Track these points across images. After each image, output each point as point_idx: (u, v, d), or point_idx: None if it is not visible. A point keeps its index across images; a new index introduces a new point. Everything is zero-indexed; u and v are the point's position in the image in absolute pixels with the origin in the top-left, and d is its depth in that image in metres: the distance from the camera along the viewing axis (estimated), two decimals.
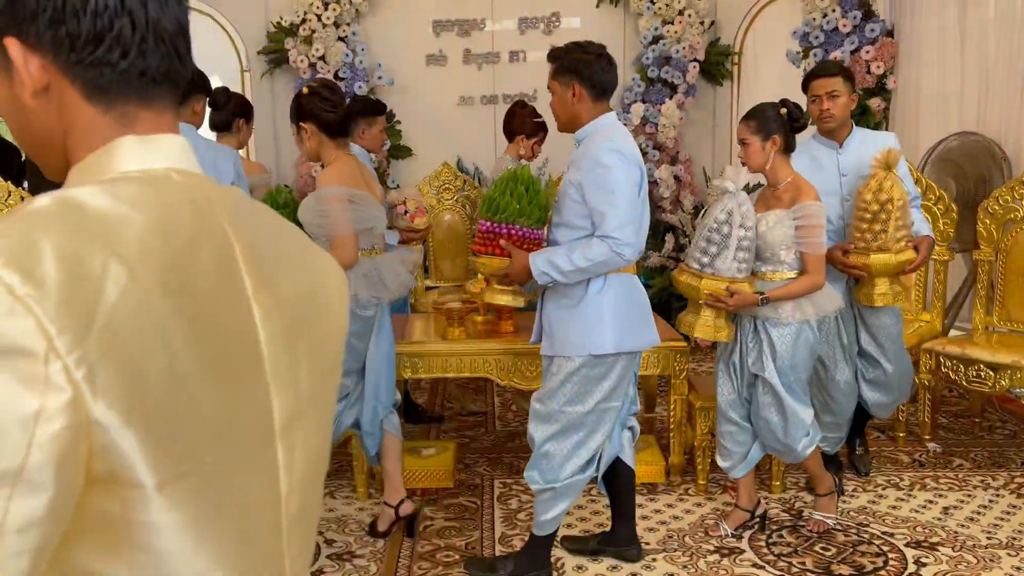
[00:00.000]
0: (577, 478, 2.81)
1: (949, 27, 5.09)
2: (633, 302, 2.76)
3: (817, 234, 2.92)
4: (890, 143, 3.30)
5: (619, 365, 2.75)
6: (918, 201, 3.40)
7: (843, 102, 3.29)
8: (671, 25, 6.07)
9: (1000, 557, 3.00)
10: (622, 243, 2.57)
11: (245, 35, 6.26)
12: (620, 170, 2.59)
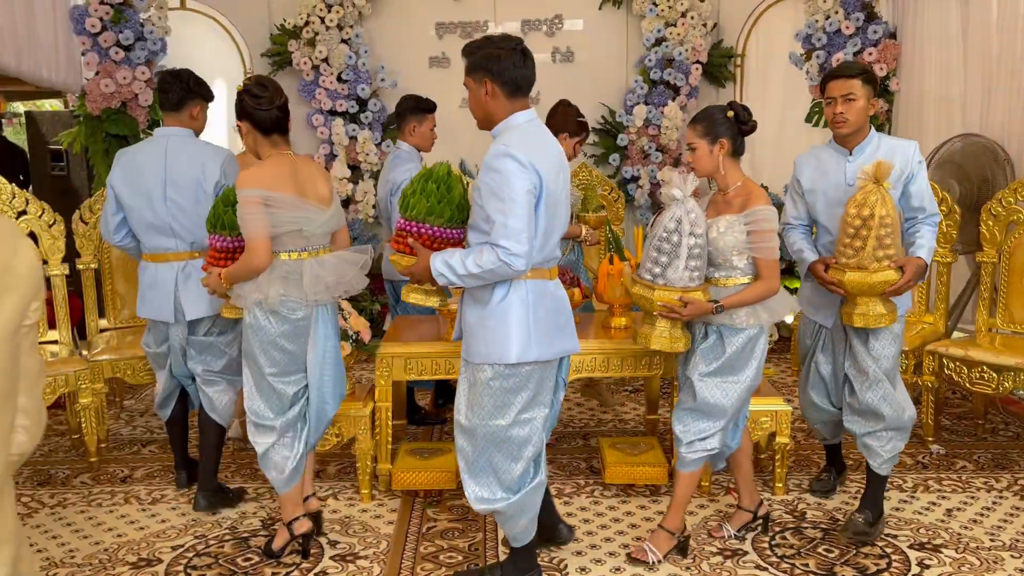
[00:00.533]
0: (525, 493, 2.74)
1: (952, 29, 5.09)
2: (545, 309, 2.65)
3: (769, 239, 2.84)
4: (907, 153, 3.10)
5: (535, 375, 2.67)
6: (933, 219, 3.11)
7: (859, 107, 3.07)
8: (674, 27, 6.08)
9: (1003, 559, 3.00)
10: (511, 253, 2.46)
11: (248, 37, 6.28)
12: (514, 177, 2.47)
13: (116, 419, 4.71)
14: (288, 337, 2.97)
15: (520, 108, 2.63)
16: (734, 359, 2.92)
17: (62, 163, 6.28)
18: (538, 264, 2.64)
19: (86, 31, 5.38)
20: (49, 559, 3.13)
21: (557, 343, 2.70)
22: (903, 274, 2.96)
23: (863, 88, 3.07)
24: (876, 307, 3.01)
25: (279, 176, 2.88)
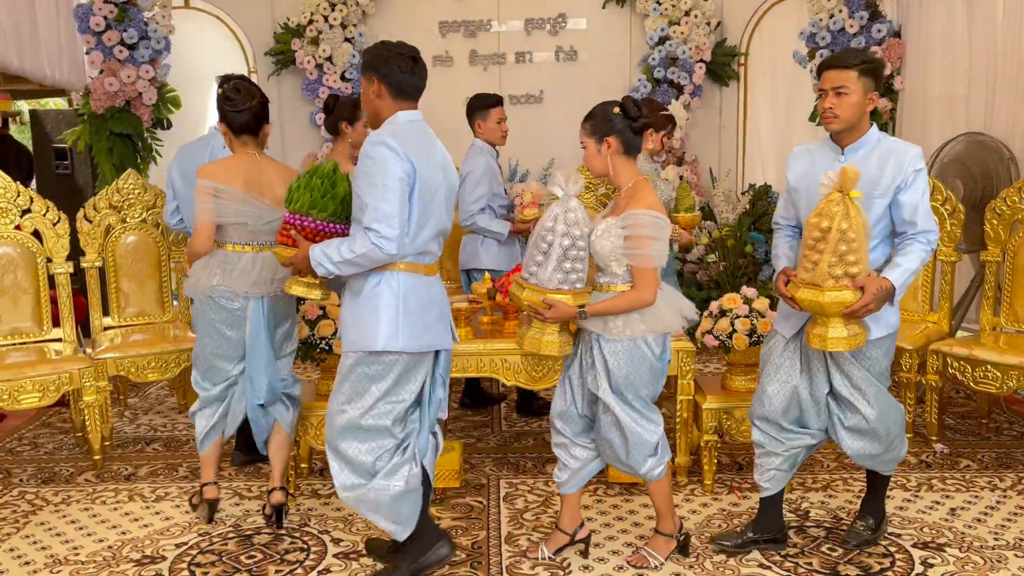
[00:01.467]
0: (378, 481, 2.76)
1: (957, 27, 5.08)
2: (416, 302, 2.70)
3: (643, 245, 2.67)
4: (904, 159, 2.74)
5: (398, 366, 2.71)
6: (926, 237, 2.74)
7: (852, 102, 2.73)
8: (677, 26, 6.08)
9: (1007, 558, 3.00)
10: (381, 236, 2.54)
11: (252, 36, 6.28)
12: (388, 163, 2.56)
13: (120, 417, 4.72)
14: (226, 324, 3.19)
15: (405, 109, 2.73)
16: (611, 373, 2.78)
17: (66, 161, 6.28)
18: (412, 258, 2.70)
19: (90, 30, 5.39)
20: (53, 556, 3.14)
21: (426, 337, 2.73)
22: (862, 295, 2.64)
23: (859, 81, 2.73)
24: (835, 328, 2.69)
25: (234, 172, 3.12)
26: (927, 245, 2.74)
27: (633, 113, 2.75)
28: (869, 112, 2.81)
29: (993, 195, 4.31)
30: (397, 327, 2.67)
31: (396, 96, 2.71)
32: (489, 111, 4.36)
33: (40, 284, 4.16)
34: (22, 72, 5.05)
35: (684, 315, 2.86)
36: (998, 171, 4.59)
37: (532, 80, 6.35)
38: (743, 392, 3.55)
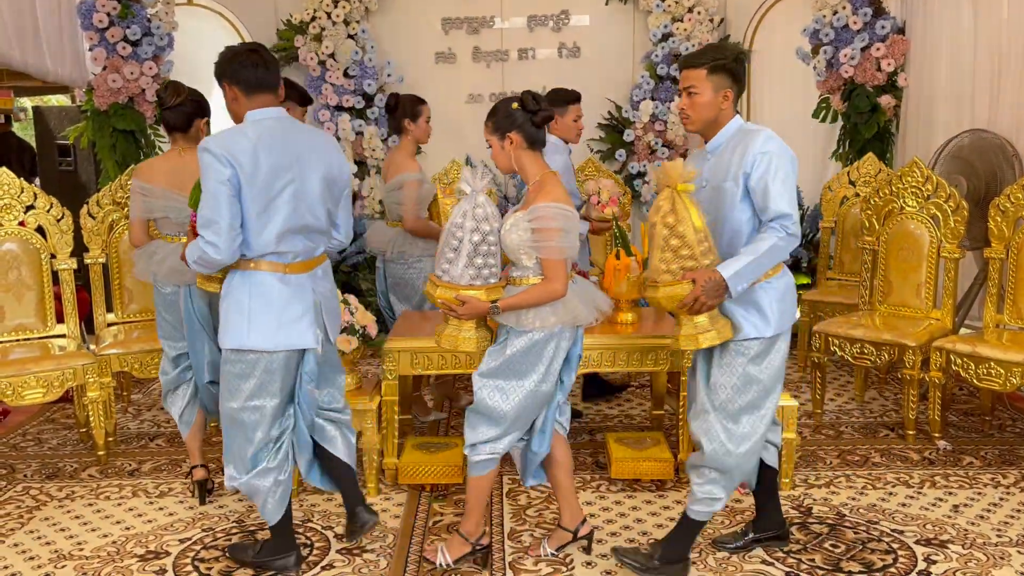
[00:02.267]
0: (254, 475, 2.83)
1: (961, 24, 5.07)
2: (267, 300, 2.71)
3: (550, 237, 2.66)
4: (754, 143, 2.65)
5: (260, 364, 2.74)
6: (780, 223, 2.61)
7: (702, 102, 2.70)
8: (680, 23, 6.07)
9: (1010, 555, 3.00)
10: (207, 241, 2.61)
11: (255, 33, 6.28)
12: (208, 169, 2.61)
13: (124, 413, 4.73)
14: (163, 307, 3.47)
15: (261, 105, 2.74)
16: (516, 361, 2.74)
17: (69, 158, 6.30)
18: (271, 257, 2.72)
19: (93, 26, 5.40)
20: (57, 551, 3.14)
21: (280, 336, 2.73)
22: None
23: (708, 80, 2.69)
24: (685, 326, 2.66)
25: (158, 170, 3.43)
26: (780, 232, 2.60)
27: (532, 107, 2.73)
28: (732, 106, 2.75)
29: (997, 192, 4.31)
30: (248, 326, 2.70)
31: (247, 94, 2.73)
32: (567, 107, 4.23)
33: (44, 280, 4.16)
34: (25, 68, 5.06)
35: (598, 307, 2.86)
36: (1002, 168, 4.58)
37: (535, 77, 6.33)
38: None
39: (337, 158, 2.89)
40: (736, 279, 2.58)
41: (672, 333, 2.76)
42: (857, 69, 5.50)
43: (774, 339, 2.73)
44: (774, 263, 2.64)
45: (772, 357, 2.73)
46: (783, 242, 2.60)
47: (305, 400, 2.89)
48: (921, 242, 4.28)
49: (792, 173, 2.64)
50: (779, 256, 2.64)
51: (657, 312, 4.07)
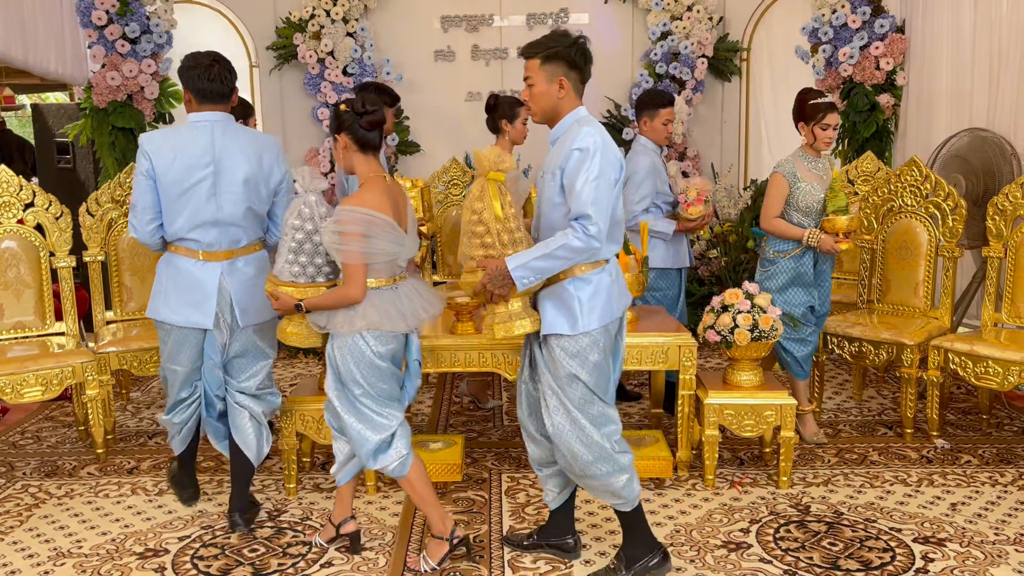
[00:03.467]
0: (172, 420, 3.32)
1: (960, 23, 5.07)
2: (176, 282, 3.15)
3: (347, 241, 2.66)
4: (572, 139, 2.60)
5: (171, 335, 3.19)
6: (580, 223, 2.54)
7: (538, 91, 2.67)
8: (680, 21, 6.07)
9: (1008, 553, 3.00)
10: (130, 223, 3.14)
11: (254, 31, 6.27)
12: (138, 161, 3.07)
13: (123, 411, 4.73)
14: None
15: (209, 110, 3.10)
16: (339, 367, 2.78)
17: (68, 156, 6.29)
18: (184, 243, 3.13)
19: (92, 24, 5.39)
20: (56, 549, 3.15)
21: (183, 313, 3.14)
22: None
23: (541, 70, 2.67)
24: (492, 315, 2.69)
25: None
26: (579, 231, 2.53)
27: (359, 109, 2.74)
28: (572, 95, 2.69)
29: (995, 191, 4.31)
30: (163, 300, 3.17)
31: (199, 101, 3.10)
32: (658, 111, 4.26)
33: (43, 278, 4.16)
34: (25, 66, 5.06)
35: (415, 315, 2.82)
36: (1000, 167, 4.59)
37: None
38: (745, 387, 3.56)
39: (268, 161, 3.16)
40: (521, 271, 2.55)
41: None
42: (856, 68, 5.50)
43: (592, 336, 2.65)
44: (569, 262, 2.58)
45: (593, 355, 2.66)
46: (579, 242, 2.53)
47: (208, 376, 3.23)
48: (919, 241, 4.29)
49: (609, 174, 2.56)
50: (574, 256, 2.56)
51: (655, 311, 4.08)
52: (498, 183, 2.63)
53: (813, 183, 3.83)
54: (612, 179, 2.58)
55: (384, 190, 2.77)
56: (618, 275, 2.75)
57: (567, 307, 2.64)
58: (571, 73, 2.66)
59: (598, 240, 2.54)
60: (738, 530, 3.20)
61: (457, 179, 5.31)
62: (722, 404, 3.52)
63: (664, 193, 4.35)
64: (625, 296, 2.78)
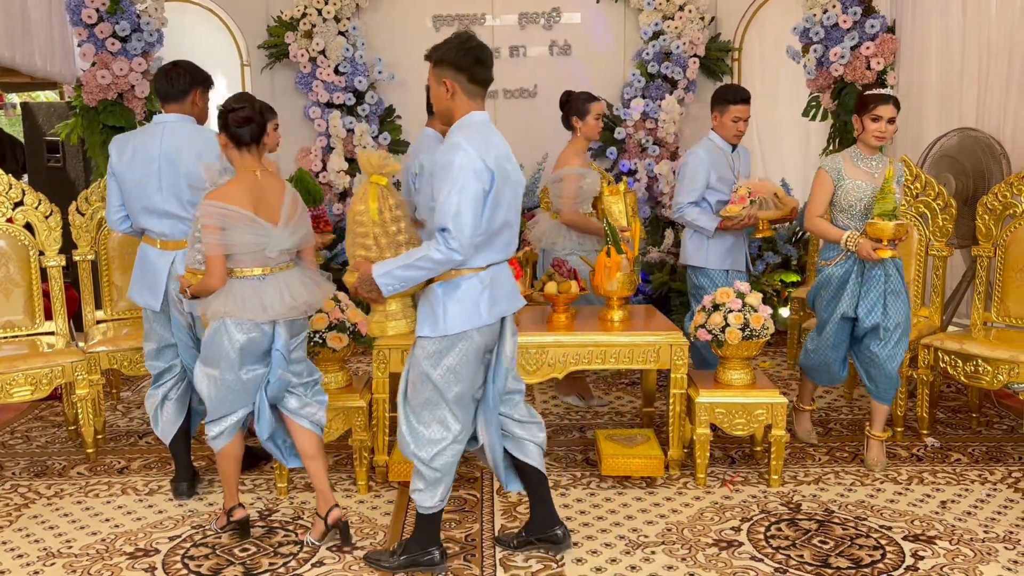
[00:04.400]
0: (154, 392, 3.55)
1: (950, 23, 5.09)
2: (141, 266, 3.48)
3: (206, 234, 2.84)
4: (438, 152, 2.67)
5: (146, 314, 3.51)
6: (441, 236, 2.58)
7: (435, 95, 2.74)
8: (671, 20, 6.08)
9: (997, 551, 3.02)
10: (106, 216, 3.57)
11: (245, 29, 6.26)
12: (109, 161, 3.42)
13: (113, 410, 4.71)
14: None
15: (168, 111, 3.39)
16: (206, 348, 2.99)
17: (58, 154, 6.26)
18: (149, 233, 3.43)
19: (82, 22, 5.37)
20: (46, 549, 3.13)
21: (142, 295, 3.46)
22: None
23: (433, 73, 2.73)
24: (376, 312, 2.80)
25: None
26: (440, 244, 2.57)
27: (229, 106, 2.92)
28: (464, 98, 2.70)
29: (985, 190, 4.33)
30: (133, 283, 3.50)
31: (163, 103, 3.41)
32: (728, 106, 4.12)
33: (32, 277, 4.14)
34: (14, 65, 5.03)
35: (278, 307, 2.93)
36: (990, 166, 4.61)
37: (526, 74, 6.34)
38: (736, 386, 3.57)
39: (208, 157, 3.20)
40: (385, 278, 2.63)
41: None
42: (847, 68, 5.52)
43: (451, 340, 2.69)
44: (432, 272, 2.63)
45: (448, 358, 2.71)
46: (439, 255, 2.57)
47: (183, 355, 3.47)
48: (910, 240, 4.30)
49: (473, 186, 2.56)
50: (436, 267, 2.61)
51: (647, 310, 4.08)
52: (380, 186, 2.71)
53: (860, 181, 3.57)
54: (478, 190, 2.58)
55: (248, 186, 2.91)
56: (495, 282, 2.74)
57: (432, 310, 2.71)
58: (458, 76, 2.68)
59: (460, 253, 2.58)
60: (729, 528, 3.21)
61: None
62: (713, 403, 3.53)
63: (720, 190, 4.15)
64: (505, 303, 2.78)
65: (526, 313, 3.92)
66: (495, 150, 2.67)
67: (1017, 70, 4.57)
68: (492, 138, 2.70)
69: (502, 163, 2.68)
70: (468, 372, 2.75)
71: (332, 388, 3.54)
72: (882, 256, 3.46)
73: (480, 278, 2.70)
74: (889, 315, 3.56)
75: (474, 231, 2.58)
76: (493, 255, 2.74)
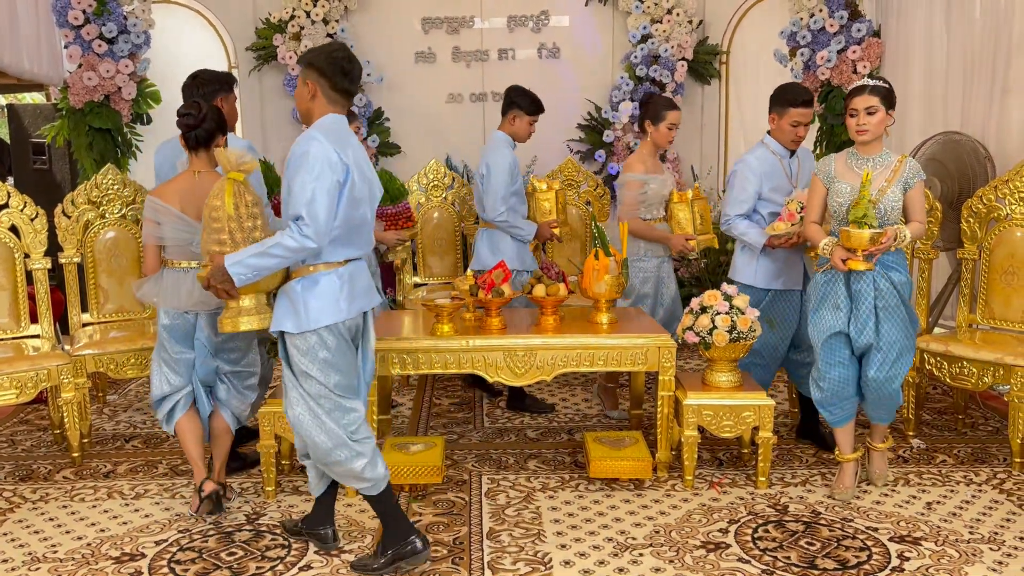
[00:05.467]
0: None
1: (935, 27, 5.13)
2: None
3: (145, 225, 3.25)
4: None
5: None
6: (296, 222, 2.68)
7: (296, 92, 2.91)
8: (659, 24, 6.10)
9: (982, 551, 3.04)
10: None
11: (233, 31, 6.25)
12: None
13: (99, 414, 4.68)
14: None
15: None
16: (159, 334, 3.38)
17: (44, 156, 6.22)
18: None
19: (68, 24, 5.34)
20: (31, 554, 3.11)
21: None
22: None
23: (300, 74, 2.86)
24: (229, 308, 2.90)
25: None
26: (294, 231, 2.66)
27: (177, 113, 3.23)
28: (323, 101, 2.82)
29: (970, 193, 4.36)
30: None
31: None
32: (787, 109, 3.78)
33: (18, 280, 4.12)
34: (1, 66, 5.00)
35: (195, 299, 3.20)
36: (975, 169, 4.64)
37: (515, 77, 6.29)
38: (724, 388, 3.58)
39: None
40: (238, 267, 2.71)
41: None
42: (834, 71, 5.56)
43: (318, 335, 2.78)
44: (285, 260, 2.72)
45: (321, 352, 2.79)
46: (293, 242, 2.66)
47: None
48: None
49: (327, 176, 2.66)
50: (289, 255, 2.69)
51: (636, 312, 4.09)
52: (237, 182, 2.85)
53: (845, 184, 3.29)
54: (332, 181, 2.68)
55: (183, 186, 3.22)
56: (353, 278, 2.84)
57: (293, 306, 2.79)
58: (321, 80, 2.80)
59: (313, 241, 2.66)
60: (717, 530, 3.22)
61: (438, 181, 5.31)
62: (701, 405, 3.54)
63: (773, 201, 3.86)
64: (363, 299, 2.88)
65: (515, 316, 3.93)
66: (352, 150, 2.79)
67: (1001, 74, 4.61)
68: (349, 139, 2.82)
69: (360, 163, 2.81)
70: (343, 361, 2.85)
71: None
72: (853, 268, 3.21)
73: (339, 273, 2.82)
74: (882, 334, 3.28)
75: (328, 220, 2.67)
76: (352, 250, 2.85)
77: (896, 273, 3.29)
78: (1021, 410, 3.65)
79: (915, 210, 3.34)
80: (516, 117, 4.40)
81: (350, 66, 2.81)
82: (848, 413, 3.44)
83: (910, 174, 3.29)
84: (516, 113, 4.40)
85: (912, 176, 3.29)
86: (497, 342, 3.55)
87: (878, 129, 3.25)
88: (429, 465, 3.55)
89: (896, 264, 3.30)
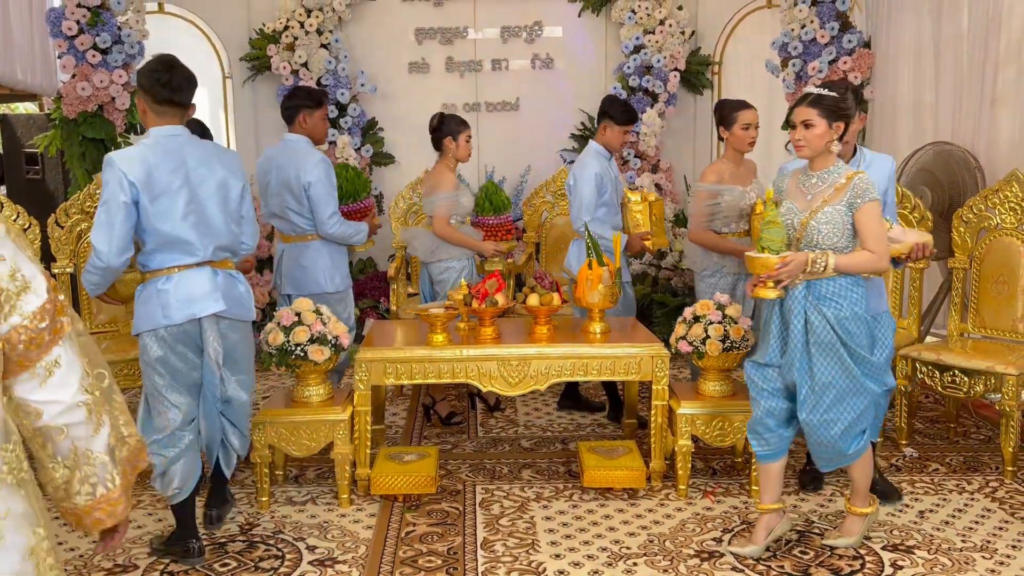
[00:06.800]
0: None
1: (924, 38, 5.17)
2: None
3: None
4: None
5: None
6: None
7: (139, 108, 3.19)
8: (652, 35, 6.13)
9: (975, 560, 3.05)
10: None
11: (227, 42, 6.25)
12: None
13: None
14: None
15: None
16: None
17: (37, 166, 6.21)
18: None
19: (62, 34, 5.34)
20: None
21: None
22: None
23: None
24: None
25: None
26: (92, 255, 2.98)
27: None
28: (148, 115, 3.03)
29: (960, 203, 4.39)
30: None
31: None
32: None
33: None
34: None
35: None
36: (965, 180, 4.68)
37: (508, 87, 6.38)
38: (717, 397, 3.59)
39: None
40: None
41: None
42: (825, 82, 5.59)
43: (144, 338, 2.99)
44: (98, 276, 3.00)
45: (147, 354, 3.00)
46: (92, 261, 2.95)
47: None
48: None
49: (117, 196, 2.86)
50: (96, 271, 2.97)
51: (630, 322, 4.10)
52: None
53: (791, 203, 2.96)
54: (119, 201, 2.87)
55: None
56: (181, 285, 2.96)
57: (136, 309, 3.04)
58: (145, 96, 2.98)
59: (101, 260, 2.90)
60: (711, 539, 3.22)
61: None
62: (694, 414, 3.55)
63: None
64: (196, 305, 2.97)
65: (509, 325, 3.94)
66: (171, 159, 2.93)
67: (990, 84, 4.65)
68: (169, 146, 2.95)
69: (177, 172, 2.92)
70: (167, 368, 2.98)
71: (314, 401, 3.53)
72: (761, 296, 2.89)
73: (161, 281, 2.97)
74: (816, 374, 2.88)
75: (108, 241, 2.87)
76: (181, 258, 2.97)
77: (833, 307, 2.84)
78: (1013, 418, 3.67)
79: (865, 236, 2.83)
80: (607, 127, 4.36)
81: (168, 76, 2.93)
82: (775, 450, 3.03)
83: (854, 194, 2.81)
84: (607, 123, 4.36)
85: (858, 196, 2.80)
86: (491, 352, 3.56)
87: (817, 143, 2.84)
88: (423, 475, 3.55)
89: (835, 296, 2.84)
